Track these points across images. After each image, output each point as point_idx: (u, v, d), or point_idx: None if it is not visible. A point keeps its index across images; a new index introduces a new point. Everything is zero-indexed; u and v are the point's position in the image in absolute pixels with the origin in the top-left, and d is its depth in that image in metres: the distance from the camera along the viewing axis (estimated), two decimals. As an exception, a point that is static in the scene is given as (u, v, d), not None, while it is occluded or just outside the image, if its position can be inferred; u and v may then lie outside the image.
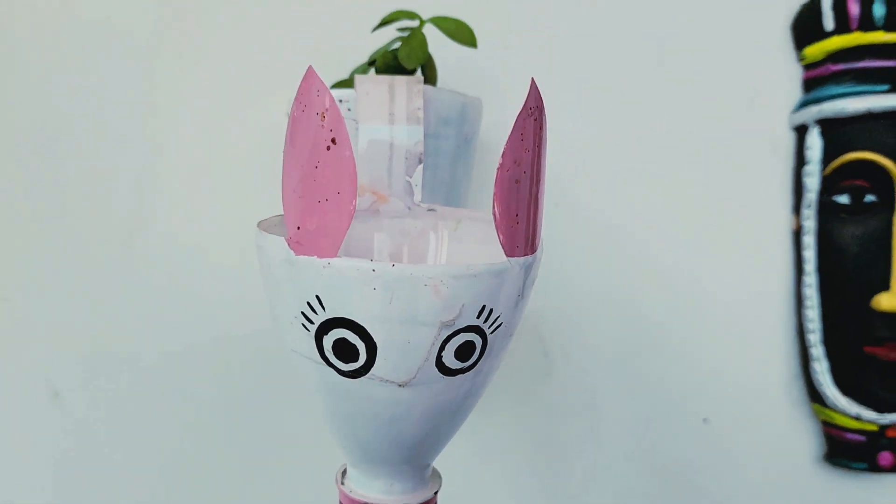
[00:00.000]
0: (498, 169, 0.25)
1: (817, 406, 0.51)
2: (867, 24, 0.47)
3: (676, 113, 0.51)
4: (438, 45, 0.41)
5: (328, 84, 0.29)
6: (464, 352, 0.27)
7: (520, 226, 0.26)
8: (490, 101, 0.44)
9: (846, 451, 0.51)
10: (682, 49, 0.51)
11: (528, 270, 0.28)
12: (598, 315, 0.52)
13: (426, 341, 0.26)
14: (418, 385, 0.27)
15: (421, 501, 0.31)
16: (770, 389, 0.52)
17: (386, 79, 0.36)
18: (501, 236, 0.26)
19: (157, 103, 0.51)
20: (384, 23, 0.41)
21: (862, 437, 0.50)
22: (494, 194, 0.26)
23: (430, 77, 0.41)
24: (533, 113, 0.25)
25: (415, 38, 0.40)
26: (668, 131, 0.51)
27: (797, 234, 0.50)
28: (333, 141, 0.24)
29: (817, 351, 0.50)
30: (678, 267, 0.51)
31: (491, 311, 0.27)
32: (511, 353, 0.44)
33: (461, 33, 0.41)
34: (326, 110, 0.24)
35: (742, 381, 0.52)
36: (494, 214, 0.26)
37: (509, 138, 0.25)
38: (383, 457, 0.30)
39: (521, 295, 0.28)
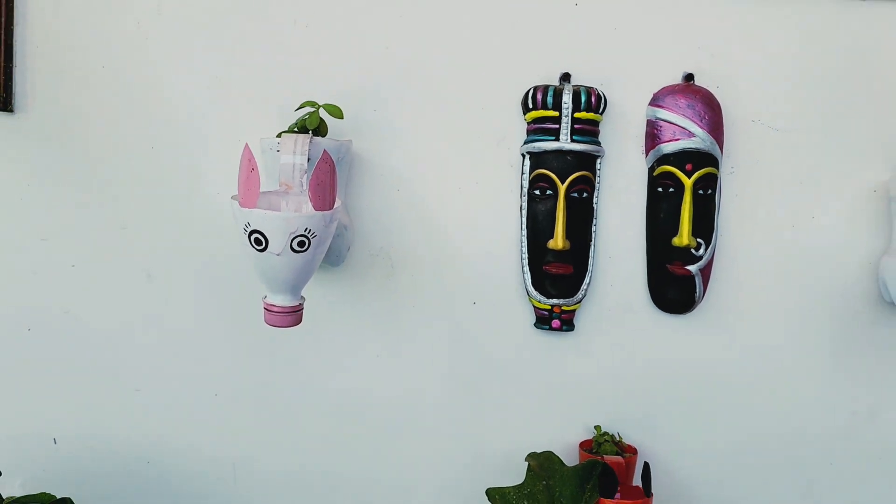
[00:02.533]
0: (313, 176, 0.76)
1: (530, 297, 1.00)
2: (543, 105, 0.95)
3: (465, 143, 1.00)
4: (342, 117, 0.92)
5: (278, 130, 0.80)
6: (300, 244, 0.78)
7: (322, 199, 0.77)
8: (359, 141, 0.95)
9: (540, 320, 1.00)
10: (465, 107, 0.99)
11: (329, 218, 0.78)
12: (411, 251, 1.01)
13: (286, 239, 0.77)
14: (284, 256, 0.78)
15: (295, 303, 0.82)
16: (508, 289, 1.01)
17: (293, 136, 0.86)
18: (314, 201, 0.77)
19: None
20: (301, 107, 0.92)
21: (545, 312, 0.99)
22: (311, 187, 0.76)
23: (322, 132, 0.92)
24: (327, 161, 0.76)
25: (313, 115, 0.90)
26: (461, 153, 1.00)
27: (521, 209, 0.99)
28: (252, 169, 0.75)
29: (526, 269, 0.99)
30: (456, 229, 1.00)
31: (310, 229, 0.77)
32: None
33: (336, 112, 0.91)
34: (251, 160, 0.75)
35: (495, 286, 1.02)
36: (311, 196, 0.77)
37: (316, 167, 0.75)
38: (275, 288, 0.81)
39: (326, 224, 0.79)
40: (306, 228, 0.77)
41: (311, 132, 0.89)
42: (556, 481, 0.91)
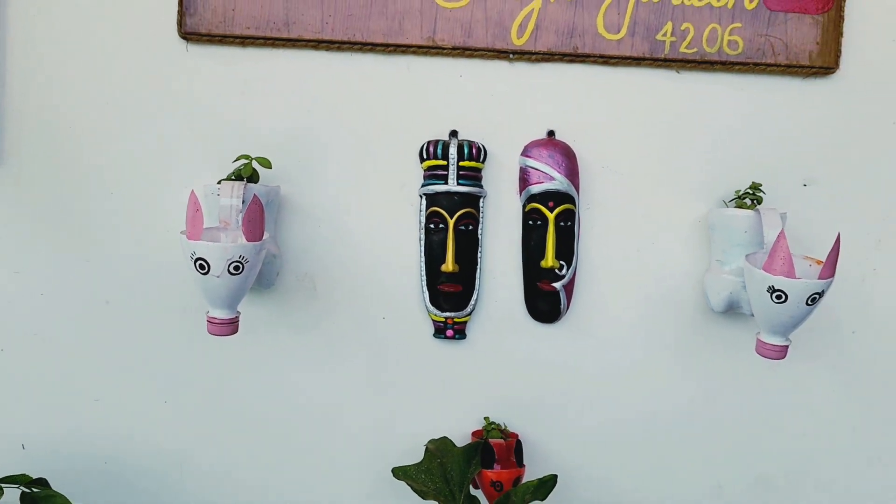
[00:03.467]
0: (245, 215, 0.97)
1: (428, 312, 1.22)
2: (435, 155, 1.19)
3: (375, 187, 1.22)
4: (270, 167, 1.13)
5: (218, 178, 1.02)
6: (235, 268, 0.99)
7: (253, 232, 0.98)
8: (287, 186, 1.17)
9: (438, 331, 1.22)
10: (374, 158, 1.22)
11: (259, 247, 1.00)
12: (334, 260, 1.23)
13: (224, 264, 0.98)
14: (222, 278, 0.99)
15: (232, 316, 1.03)
16: (411, 305, 1.23)
17: (230, 182, 1.08)
18: (247, 234, 0.98)
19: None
20: (237, 159, 1.13)
21: (441, 324, 1.22)
22: (244, 223, 0.98)
23: (254, 179, 1.14)
24: (257, 203, 0.97)
25: (247, 166, 1.12)
26: (371, 195, 1.23)
27: (420, 240, 1.22)
28: (197, 210, 0.97)
29: (425, 289, 1.21)
30: (368, 257, 1.23)
31: (243, 256, 0.99)
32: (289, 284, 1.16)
33: (265, 163, 1.13)
34: (196, 202, 0.96)
35: (400, 304, 1.23)
36: (244, 230, 0.98)
37: (248, 208, 0.97)
38: (216, 304, 1.02)
39: (257, 252, 1.00)
40: (240, 255, 0.98)
41: (245, 179, 1.11)
42: (449, 459, 1.12)
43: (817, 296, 1.00)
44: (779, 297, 1.00)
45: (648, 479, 1.27)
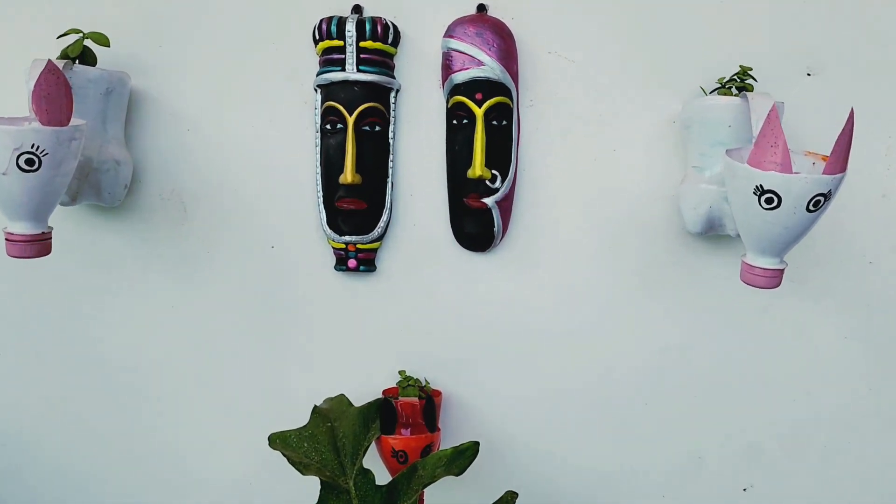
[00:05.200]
0: (35, 88, 0.71)
1: (328, 238, 0.96)
2: (329, 35, 0.92)
3: (258, 80, 0.96)
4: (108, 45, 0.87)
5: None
6: (28, 163, 0.72)
7: (50, 113, 0.72)
8: (142, 79, 0.90)
9: (339, 261, 0.96)
10: (256, 42, 0.95)
11: (63, 136, 0.73)
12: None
13: (9, 155, 0.71)
14: (11, 175, 0.72)
15: (38, 231, 0.77)
16: (307, 231, 0.97)
17: (43, 61, 0.81)
18: (39, 115, 0.72)
19: None
20: (65, 34, 0.87)
21: (341, 252, 0.95)
22: (34, 99, 0.71)
23: (89, 60, 0.87)
24: (53, 72, 0.71)
25: (76, 44, 0.85)
26: (253, 91, 0.96)
27: (316, 147, 0.96)
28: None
29: (322, 208, 0.95)
30: (252, 170, 0.96)
31: (38, 146, 0.72)
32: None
33: (102, 39, 0.86)
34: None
35: (294, 229, 0.97)
36: (35, 108, 0.72)
37: (39, 79, 0.70)
38: (12, 214, 0.76)
39: (60, 142, 0.74)
40: (33, 144, 0.72)
41: (75, 61, 0.84)
42: (342, 422, 0.86)
43: (822, 198, 0.73)
44: (769, 200, 0.74)
45: (609, 451, 1.01)
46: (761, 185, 0.74)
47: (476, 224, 0.94)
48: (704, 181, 0.89)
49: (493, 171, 0.92)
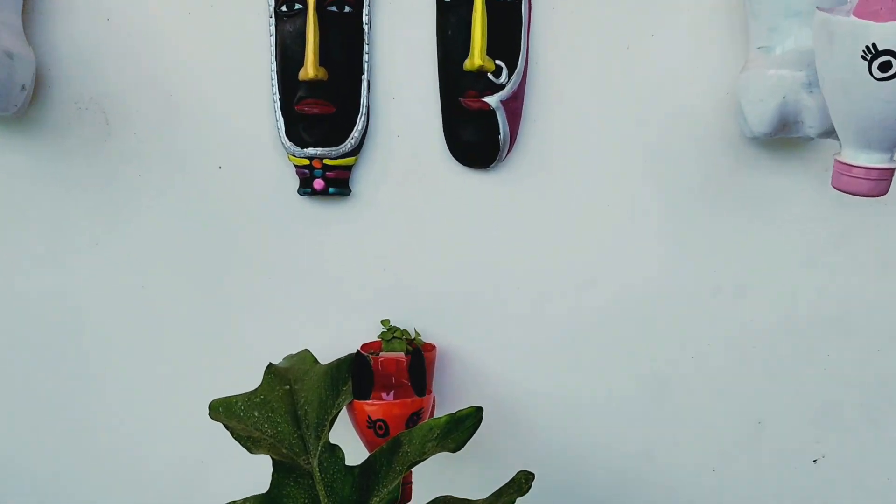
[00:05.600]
0: None
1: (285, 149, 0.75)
2: None
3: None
4: None
5: None
6: None
7: None
8: None
9: (302, 183, 0.76)
10: None
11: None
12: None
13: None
14: None
15: None
16: (263, 146, 0.77)
17: None
18: None
19: None
20: None
21: (305, 170, 0.75)
22: None
23: None
24: None
25: None
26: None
27: (270, 33, 0.74)
28: None
29: (279, 115, 0.74)
30: (191, 70, 0.76)
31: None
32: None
33: None
34: None
35: (246, 144, 0.77)
36: None
37: None
38: None
39: None
40: None
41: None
42: (304, 385, 0.66)
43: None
44: (885, 65, 0.53)
45: (647, 418, 0.81)
46: (873, 46, 0.52)
47: (476, 130, 0.73)
48: (774, 65, 0.68)
49: (498, 62, 0.71)
